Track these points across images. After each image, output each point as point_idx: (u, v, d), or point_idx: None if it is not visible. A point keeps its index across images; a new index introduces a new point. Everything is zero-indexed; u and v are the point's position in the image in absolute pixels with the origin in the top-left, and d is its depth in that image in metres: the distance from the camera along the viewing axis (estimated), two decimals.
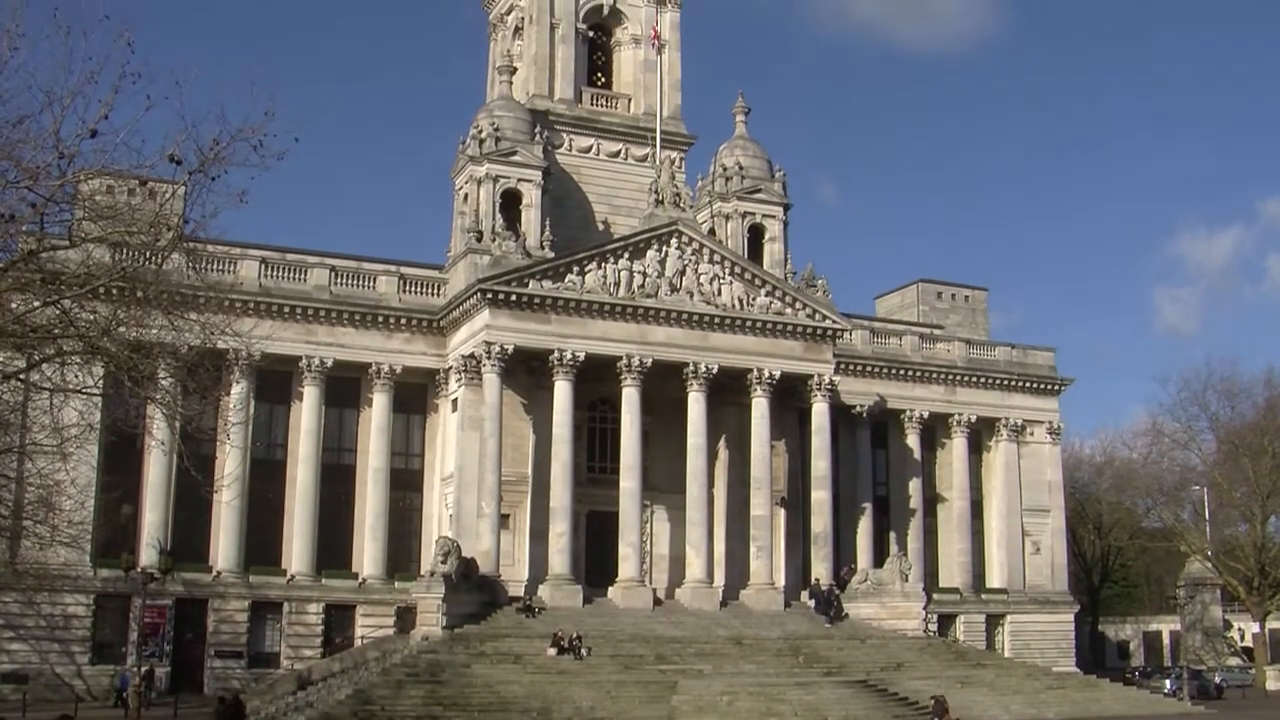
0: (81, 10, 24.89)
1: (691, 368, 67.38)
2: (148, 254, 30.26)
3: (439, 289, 70.73)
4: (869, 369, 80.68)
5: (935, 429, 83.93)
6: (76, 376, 30.62)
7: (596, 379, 67.00)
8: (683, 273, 68.32)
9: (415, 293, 70.73)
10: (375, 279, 70.19)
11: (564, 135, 75.69)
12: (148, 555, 61.03)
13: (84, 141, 25.22)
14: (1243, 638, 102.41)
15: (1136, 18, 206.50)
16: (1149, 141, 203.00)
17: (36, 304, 27.48)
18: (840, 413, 76.75)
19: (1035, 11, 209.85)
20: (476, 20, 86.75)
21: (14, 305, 27.40)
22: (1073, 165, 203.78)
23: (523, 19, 79.25)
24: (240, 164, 26.60)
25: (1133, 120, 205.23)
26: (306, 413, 68.00)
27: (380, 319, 69.24)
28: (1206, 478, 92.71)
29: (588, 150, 76.59)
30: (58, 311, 27.49)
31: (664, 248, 68.18)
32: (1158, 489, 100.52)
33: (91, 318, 28.24)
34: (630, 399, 66.22)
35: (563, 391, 65.21)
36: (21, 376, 29.43)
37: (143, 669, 54.70)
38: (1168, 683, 77.08)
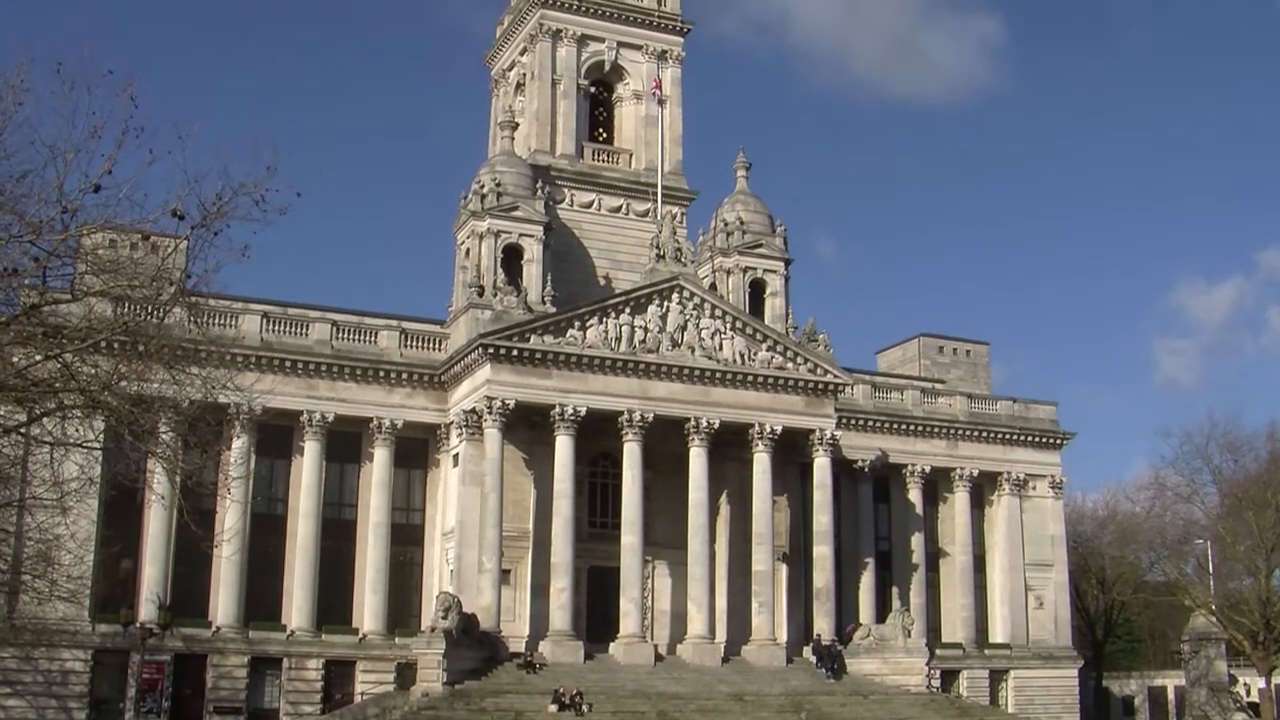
0: (85, 65, 25.05)
1: (693, 423, 67.31)
2: (150, 308, 30.27)
3: (440, 344, 70.79)
4: (871, 423, 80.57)
5: (937, 483, 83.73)
6: (77, 430, 30.58)
7: (598, 434, 66.95)
8: (684, 328, 68.40)
9: (417, 347, 70.75)
10: (377, 334, 70.26)
11: (566, 190, 75.96)
12: (147, 610, 60.77)
13: (87, 196, 25.32)
14: (1248, 693, 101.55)
15: (1135, 72, 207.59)
16: (1147, 193, 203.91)
17: (38, 358, 27.47)
18: (842, 467, 76.66)
19: (1034, 65, 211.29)
20: (479, 76, 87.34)
21: (16, 359, 27.40)
22: (1072, 217, 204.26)
23: (525, 75, 79.80)
24: (243, 218, 26.67)
25: (1131, 172, 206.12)
26: (307, 467, 67.90)
27: (382, 374, 69.22)
28: (1210, 531, 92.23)
29: (589, 205, 76.86)
30: (59, 365, 27.46)
31: (665, 303, 68.29)
32: (1161, 543, 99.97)
33: (93, 372, 28.22)
34: (632, 454, 66.13)
35: (564, 447, 65.14)
36: (22, 430, 29.41)
37: None
38: None
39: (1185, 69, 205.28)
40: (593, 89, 79.95)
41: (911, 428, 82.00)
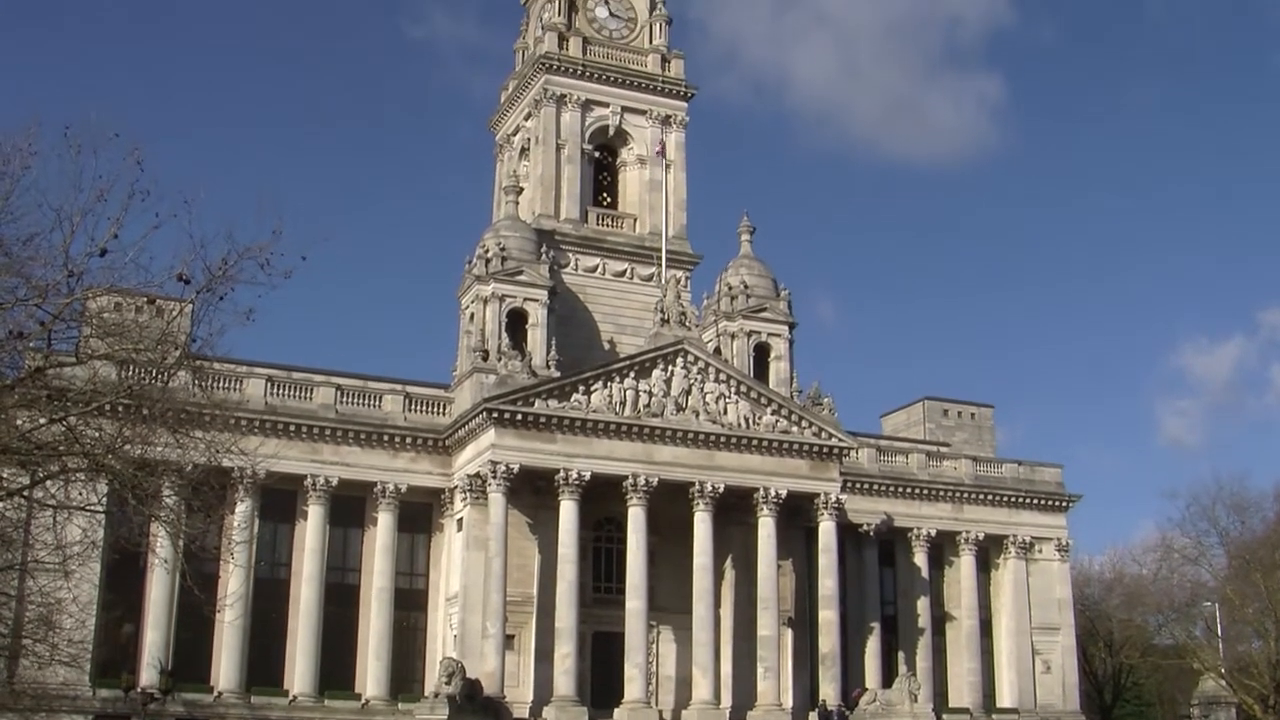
0: (92, 129, 25.20)
1: (697, 487, 67.17)
2: (154, 372, 30.30)
3: (445, 408, 70.81)
4: (876, 487, 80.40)
5: (943, 547, 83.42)
6: (80, 494, 30.51)
7: (602, 498, 66.81)
8: (688, 392, 68.43)
9: (421, 412, 70.79)
10: (381, 398, 70.32)
11: (570, 255, 76.20)
12: (148, 675, 60.40)
13: (93, 259, 25.41)
14: None
15: (1135, 129, 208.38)
16: (1148, 252, 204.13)
17: (42, 421, 27.45)
18: (847, 531, 76.44)
19: (1035, 124, 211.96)
20: (483, 141, 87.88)
21: (20, 422, 27.39)
22: (1073, 276, 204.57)
23: (529, 140, 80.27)
24: (248, 282, 26.73)
25: (1132, 231, 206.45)
26: (311, 532, 67.74)
27: (386, 438, 69.22)
28: (1218, 594, 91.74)
29: (593, 270, 77.06)
30: (63, 428, 27.45)
31: (670, 367, 68.36)
32: (1169, 605, 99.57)
33: (97, 435, 28.18)
34: (636, 519, 65.95)
35: (568, 511, 64.99)
36: (25, 493, 29.34)
37: None
38: None
39: (1185, 127, 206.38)
40: (597, 154, 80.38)
41: (917, 491, 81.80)
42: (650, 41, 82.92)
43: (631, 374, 67.67)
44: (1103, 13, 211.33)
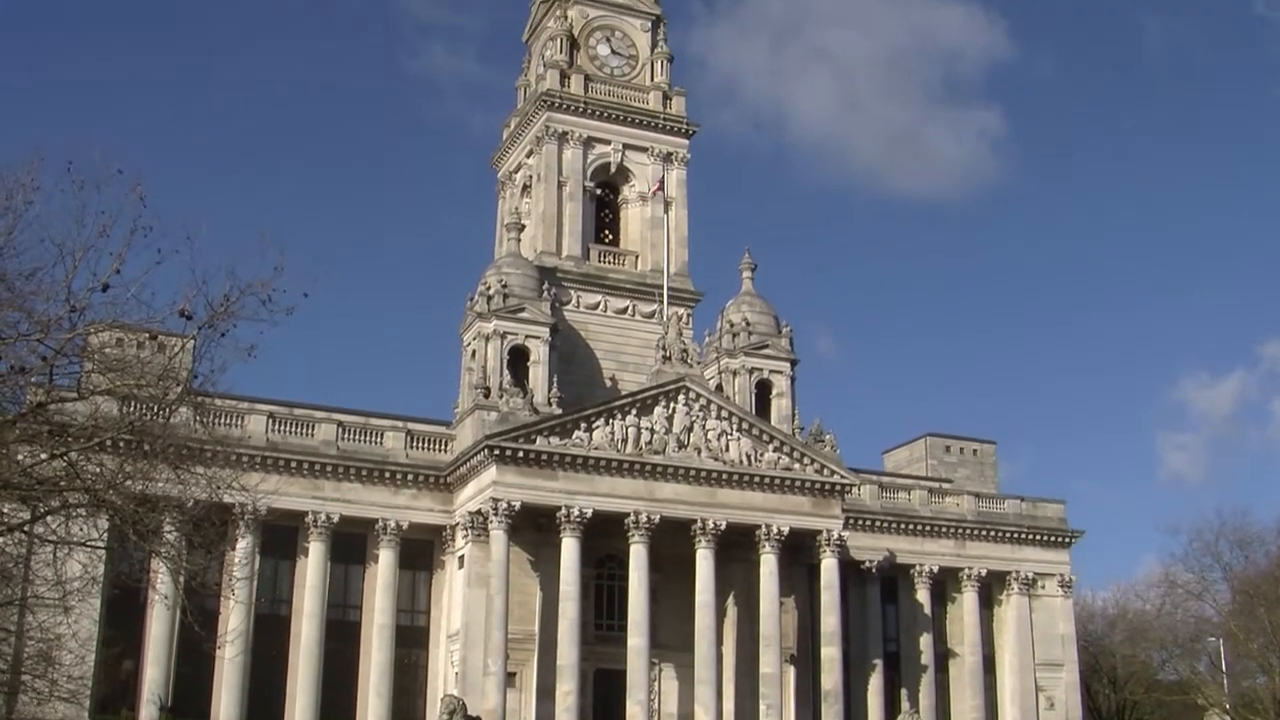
0: (95, 164, 25.29)
1: (699, 524, 67.09)
2: (156, 407, 30.31)
3: (446, 445, 70.80)
4: (878, 524, 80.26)
5: (945, 583, 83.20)
6: (81, 529, 30.49)
7: (604, 535, 66.71)
8: (690, 429, 68.45)
9: (422, 449, 70.76)
10: (382, 435, 70.32)
11: (572, 292, 76.30)
12: (148, 711, 60.30)
13: (95, 295, 25.45)
14: None
15: (1136, 162, 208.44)
16: (1148, 285, 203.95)
17: (43, 456, 27.46)
18: (849, 568, 76.28)
19: (1035, 157, 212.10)
20: (484, 176, 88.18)
21: (21, 457, 27.40)
22: (1073, 310, 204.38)
23: (531, 177, 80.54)
24: (249, 318, 26.77)
25: (1132, 264, 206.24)
26: (312, 568, 67.62)
27: (387, 475, 69.21)
28: (1222, 629, 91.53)
29: (595, 307, 77.15)
30: (64, 464, 27.45)
31: (671, 404, 68.40)
32: (1172, 641, 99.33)
33: (98, 470, 28.18)
34: (638, 556, 65.85)
35: (570, 549, 64.89)
36: (26, 529, 29.32)
37: None
38: None
39: (1185, 160, 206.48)
40: (599, 191, 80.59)
41: (919, 528, 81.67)
42: (652, 79, 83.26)
43: (633, 411, 67.71)
44: (1101, 45, 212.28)
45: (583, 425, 66.44)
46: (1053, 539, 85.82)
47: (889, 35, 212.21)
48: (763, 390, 75.20)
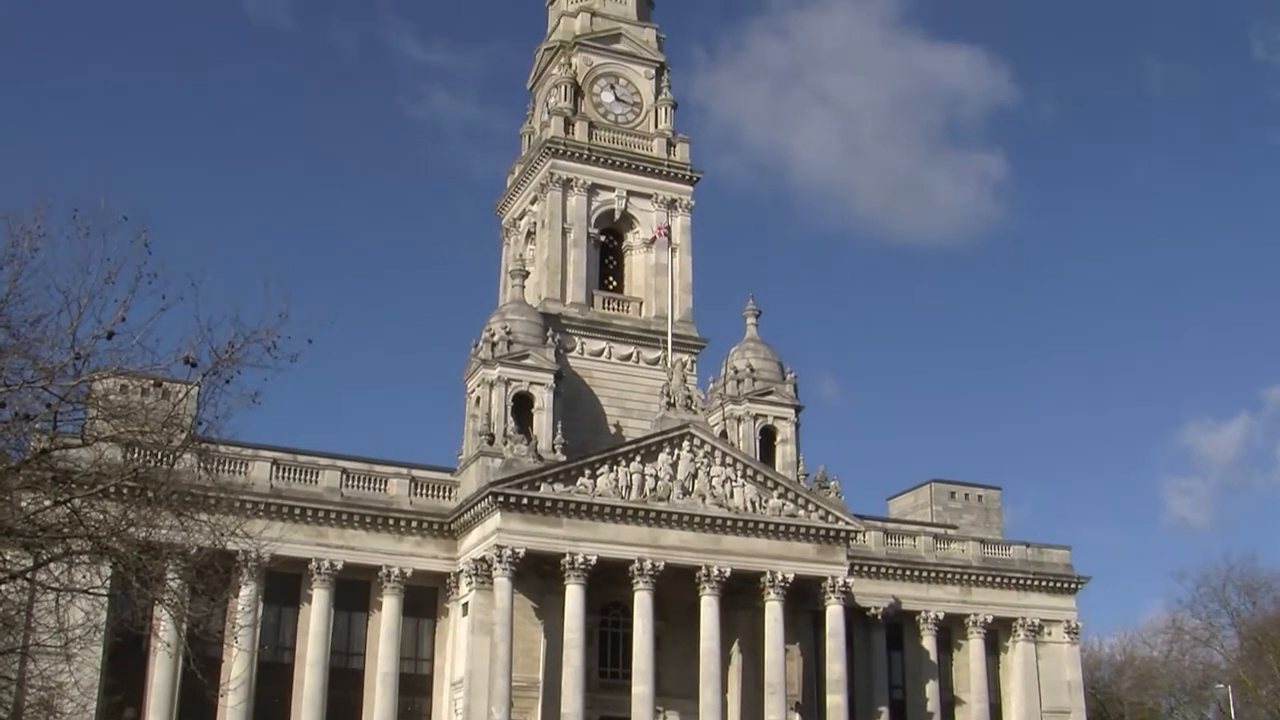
0: (101, 211, 25.36)
1: (704, 571, 66.91)
2: (160, 454, 30.28)
3: (450, 492, 70.71)
4: (883, 570, 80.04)
5: (951, 630, 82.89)
6: (84, 576, 30.40)
7: (608, 582, 66.52)
8: (695, 475, 68.38)
9: (426, 495, 70.69)
10: (386, 481, 70.25)
11: (576, 338, 76.36)
12: None
13: (100, 342, 25.47)
14: None
15: (1139, 204, 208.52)
16: (1152, 330, 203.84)
17: (47, 503, 27.41)
18: (855, 615, 75.97)
19: (1037, 200, 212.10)
20: (485, 220, 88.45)
21: (24, 504, 27.35)
22: (1076, 356, 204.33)
23: (535, 224, 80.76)
24: (254, 365, 26.79)
25: (1136, 308, 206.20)
26: (315, 616, 67.40)
27: (391, 521, 69.09)
28: (1230, 675, 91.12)
29: (599, 353, 77.19)
30: (67, 511, 27.39)
31: (676, 450, 68.33)
32: (1180, 688, 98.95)
33: (101, 517, 28.11)
34: (642, 603, 65.62)
35: (574, 596, 64.68)
36: (28, 576, 29.23)
37: None
38: None
39: (1187, 203, 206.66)
40: (603, 237, 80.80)
41: (924, 574, 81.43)
42: (656, 126, 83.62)
43: (638, 458, 67.65)
44: (1102, 89, 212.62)
45: (587, 472, 66.37)
46: (1059, 585, 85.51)
47: (890, 80, 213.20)
48: (767, 436, 75.10)
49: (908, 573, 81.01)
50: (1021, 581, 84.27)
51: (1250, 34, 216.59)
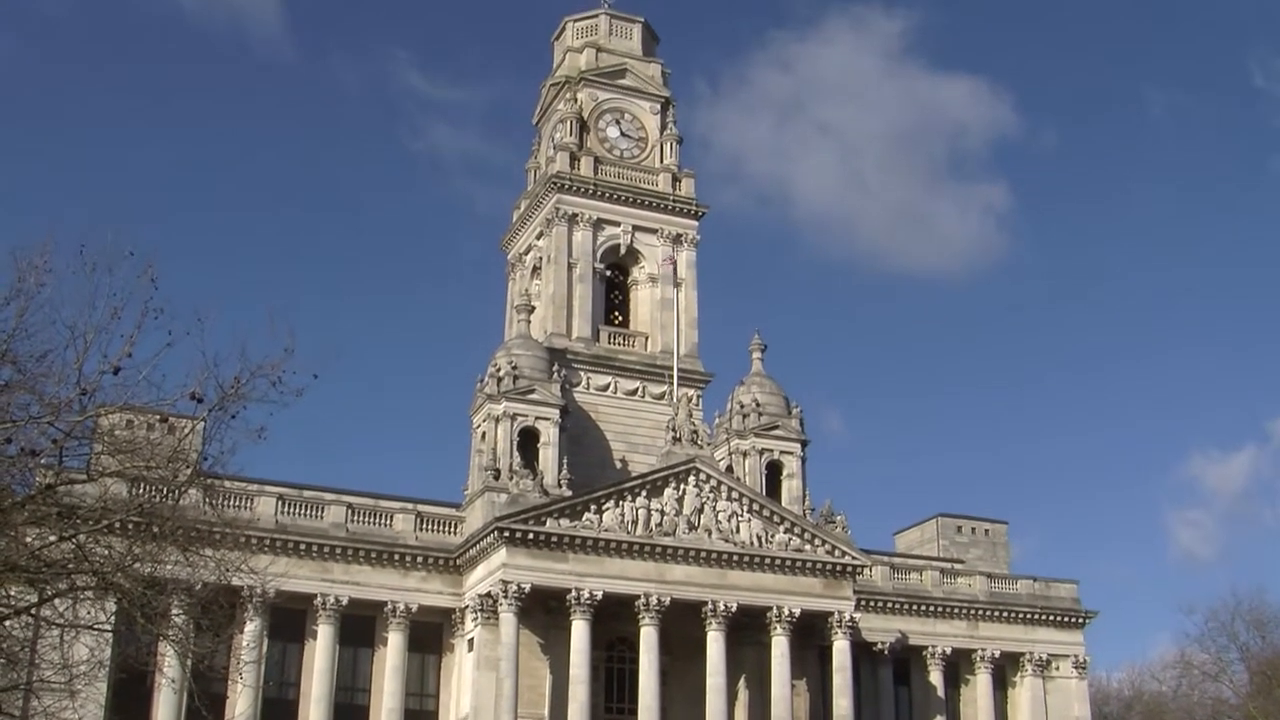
0: (107, 247, 25.44)
1: (710, 606, 66.70)
2: (165, 489, 30.27)
3: (456, 527, 70.58)
4: (890, 605, 79.77)
5: (958, 665, 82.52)
6: (89, 612, 30.35)
7: (614, 618, 66.34)
8: (701, 510, 68.24)
9: (432, 531, 70.55)
10: (392, 517, 70.13)
11: (581, 373, 76.36)
12: None
13: (105, 377, 25.52)
14: None
15: (1143, 234, 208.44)
16: (1156, 363, 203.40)
17: (52, 538, 27.39)
18: (862, 650, 75.68)
19: (1041, 230, 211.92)
20: (491, 255, 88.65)
21: (29, 539, 27.33)
22: (1081, 388, 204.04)
23: (541, 259, 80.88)
24: (259, 400, 26.85)
25: (1140, 341, 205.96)
26: (320, 651, 67.17)
27: (396, 557, 68.93)
28: (1240, 711, 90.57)
29: (605, 388, 77.19)
30: (72, 546, 27.37)
31: (682, 485, 68.24)
32: None
33: (106, 553, 28.11)
34: (648, 638, 65.41)
35: (580, 631, 64.49)
36: (32, 611, 29.19)
37: None
38: None
39: (1191, 232, 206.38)
40: (608, 272, 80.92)
41: (931, 609, 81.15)
42: (661, 160, 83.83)
43: (643, 493, 67.55)
44: (1104, 118, 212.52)
45: (593, 507, 66.27)
46: (1066, 619, 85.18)
47: (893, 111, 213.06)
48: (773, 471, 75.03)
49: (915, 607, 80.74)
50: (1029, 616, 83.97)
51: (1250, 62, 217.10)
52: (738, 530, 68.59)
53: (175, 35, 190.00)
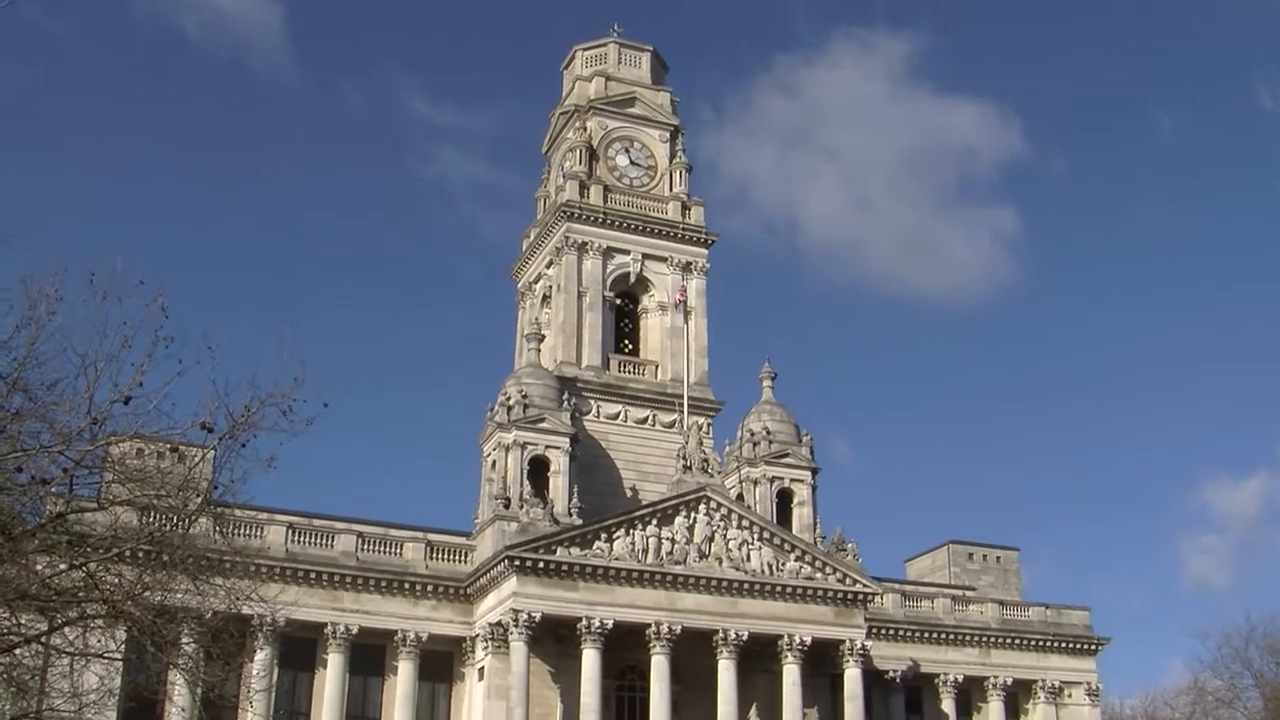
0: (118, 275, 25.54)
1: (721, 635, 66.55)
2: (175, 517, 30.30)
3: (466, 556, 70.54)
4: (901, 633, 79.59)
5: (970, 693, 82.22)
6: (99, 640, 30.36)
7: (625, 646, 66.18)
8: (711, 538, 68.15)
9: (442, 559, 70.51)
10: (402, 545, 70.11)
11: (592, 402, 76.42)
12: None
13: (116, 406, 25.56)
14: None
15: (1152, 258, 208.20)
16: (1167, 388, 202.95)
17: (62, 566, 27.42)
18: (873, 678, 75.41)
19: (1050, 257, 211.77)
20: (499, 281, 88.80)
21: (39, 568, 27.36)
22: (1091, 414, 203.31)
23: (551, 287, 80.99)
24: (269, 429, 26.90)
25: (1149, 366, 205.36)
26: (330, 680, 67.07)
27: (407, 586, 68.88)
28: None
29: (615, 417, 77.20)
30: (83, 574, 27.40)
31: (692, 513, 68.16)
32: None
33: (116, 581, 28.13)
34: (659, 667, 65.25)
35: (590, 660, 64.35)
36: (43, 640, 29.21)
37: None
38: None
39: (1200, 256, 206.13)
40: (618, 300, 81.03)
41: (943, 636, 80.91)
42: (670, 189, 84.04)
43: (654, 521, 67.48)
44: (1113, 140, 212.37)
45: (603, 536, 66.20)
46: (1079, 646, 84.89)
47: (900, 136, 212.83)
48: (784, 499, 74.89)
49: (926, 635, 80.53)
50: (1041, 643, 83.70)
51: (1256, 83, 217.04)
52: (748, 558, 68.47)
53: (179, 60, 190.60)
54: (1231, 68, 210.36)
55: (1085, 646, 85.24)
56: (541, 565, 64.46)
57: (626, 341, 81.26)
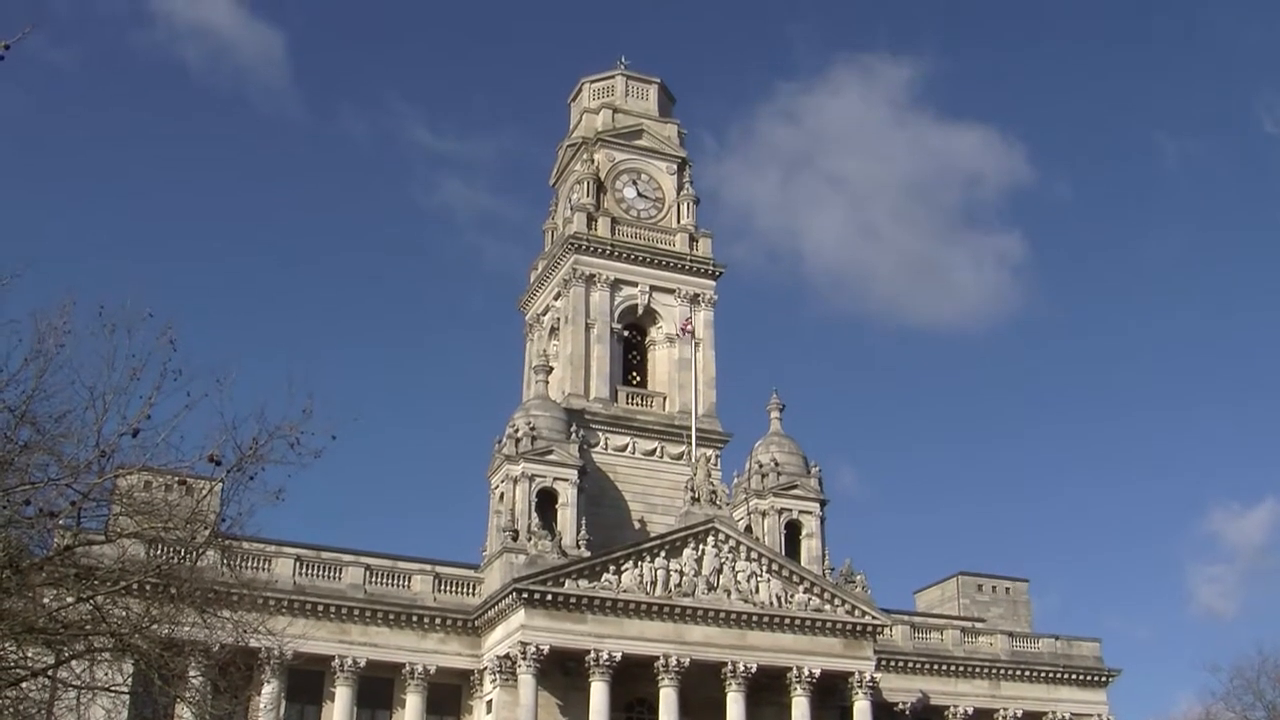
0: (126, 308, 25.60)
1: (730, 667, 66.36)
2: (183, 550, 30.30)
3: (474, 588, 70.40)
4: (911, 665, 79.24)
5: None
6: (106, 674, 30.32)
7: (633, 679, 65.99)
8: (720, 571, 68.02)
9: (450, 592, 70.36)
10: (410, 578, 69.99)
11: (600, 434, 76.37)
12: None
13: (124, 438, 25.60)
14: None
15: (1156, 287, 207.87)
16: (1174, 416, 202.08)
17: (69, 599, 27.41)
18: (883, 710, 74.99)
19: (1059, 285, 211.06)
20: (505, 313, 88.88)
21: (46, 600, 27.35)
22: (1098, 442, 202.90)
23: (559, 319, 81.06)
24: (277, 461, 26.93)
25: (1157, 393, 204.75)
26: (338, 713, 66.86)
27: (415, 618, 68.73)
28: None
29: (623, 449, 77.14)
30: (90, 607, 27.38)
31: (701, 546, 68.05)
32: None
33: (124, 614, 28.10)
34: (668, 700, 65.07)
35: (599, 693, 64.16)
36: (49, 673, 29.17)
37: None
38: None
39: (1206, 281, 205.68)
40: (626, 332, 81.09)
41: (952, 668, 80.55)
42: (678, 221, 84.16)
43: (662, 553, 67.38)
44: (1118, 166, 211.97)
45: (611, 568, 66.10)
46: (1089, 678, 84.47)
47: (903, 161, 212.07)
48: (792, 531, 74.71)
49: (936, 667, 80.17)
50: (1051, 675, 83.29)
51: (1259, 109, 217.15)
52: (757, 590, 68.33)
53: (179, 91, 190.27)
54: (1234, 94, 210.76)
55: (1096, 679, 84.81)
56: (550, 598, 64.34)
57: (634, 373, 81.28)
